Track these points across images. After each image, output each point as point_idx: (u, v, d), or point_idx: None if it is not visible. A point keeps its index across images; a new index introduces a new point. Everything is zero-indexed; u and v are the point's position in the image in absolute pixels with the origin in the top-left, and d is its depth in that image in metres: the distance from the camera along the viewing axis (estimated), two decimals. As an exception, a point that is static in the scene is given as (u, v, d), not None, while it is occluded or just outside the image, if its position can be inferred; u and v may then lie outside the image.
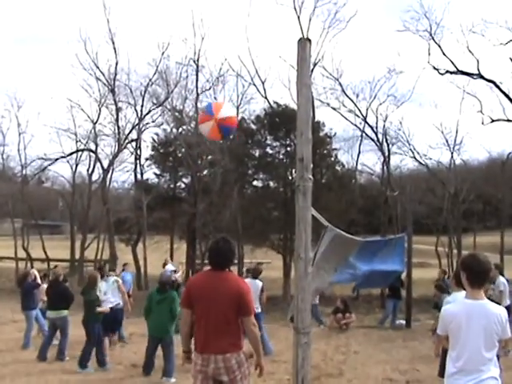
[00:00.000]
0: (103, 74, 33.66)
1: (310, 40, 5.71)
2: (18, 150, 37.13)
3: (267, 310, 22.24)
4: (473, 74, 28.70)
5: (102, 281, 13.05)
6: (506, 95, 27.84)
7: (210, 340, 5.58)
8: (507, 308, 10.79)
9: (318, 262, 7.87)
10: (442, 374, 5.20)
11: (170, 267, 15.16)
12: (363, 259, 10.53)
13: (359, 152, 34.83)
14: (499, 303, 7.63)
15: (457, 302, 5.02)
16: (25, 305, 14.45)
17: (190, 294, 5.75)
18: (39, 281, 14.84)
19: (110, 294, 12.92)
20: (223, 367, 5.58)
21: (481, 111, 29.39)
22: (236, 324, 5.63)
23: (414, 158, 33.55)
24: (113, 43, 33.26)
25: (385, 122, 32.83)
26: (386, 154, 32.96)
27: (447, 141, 33.07)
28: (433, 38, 28.95)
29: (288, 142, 33.18)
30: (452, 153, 33.28)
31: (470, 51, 28.48)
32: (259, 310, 13.13)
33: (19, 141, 37.06)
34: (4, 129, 37.56)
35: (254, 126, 35.26)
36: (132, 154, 36.25)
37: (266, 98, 32.93)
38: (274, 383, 10.24)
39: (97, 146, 35.47)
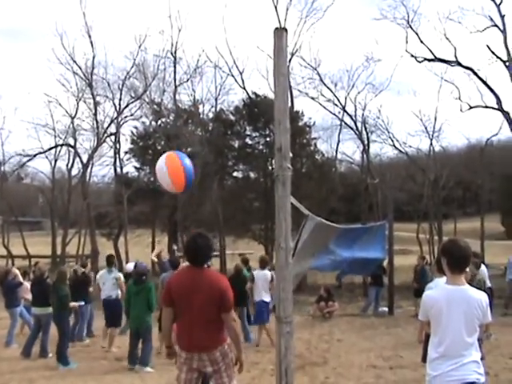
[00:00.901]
0: (80, 68, 33.38)
1: (286, 29, 5.68)
2: (-5, 147, 36.80)
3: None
4: (450, 62, 28.78)
5: (105, 271, 13.53)
6: (484, 82, 27.96)
7: (194, 338, 5.55)
8: (487, 291, 10.93)
9: (299, 252, 7.87)
10: (425, 359, 5.22)
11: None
12: (343, 246, 10.55)
13: (338, 141, 34.77)
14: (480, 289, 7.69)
15: (437, 288, 5.04)
16: (8, 303, 14.39)
17: (170, 292, 5.69)
18: (20, 279, 14.78)
19: (105, 287, 13.15)
20: (207, 360, 5.59)
21: (459, 98, 29.48)
22: (219, 320, 5.59)
23: (394, 145, 33.60)
24: (89, 37, 32.99)
25: (363, 110, 32.79)
26: (366, 142, 32.95)
27: (426, 128, 33.17)
28: (410, 26, 29.01)
29: (267, 133, 33.21)
30: (431, 140, 33.37)
31: (447, 38, 28.56)
32: (269, 300, 13.21)
33: (-4, 137, 36.74)
34: (-19, 125, 37.09)
35: (232, 117, 35.28)
36: (111, 147, 36.04)
37: (244, 88, 32.84)
38: (258, 373, 10.27)
39: (75, 140, 35.22)
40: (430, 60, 29.22)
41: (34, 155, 36.09)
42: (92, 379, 10.20)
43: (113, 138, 35.38)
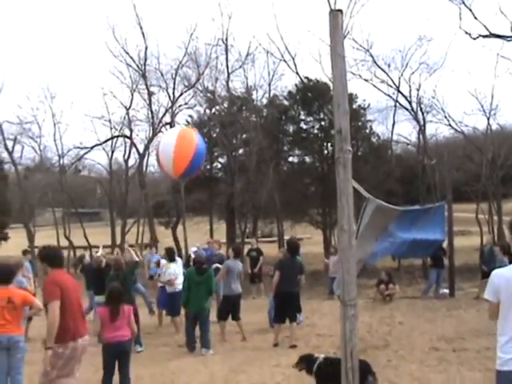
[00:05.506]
0: (133, 60, 33.72)
1: (341, 11, 5.66)
2: (55, 141, 37.31)
3: (310, 285, 22.34)
4: (506, 37, 28.06)
5: (171, 263, 13.90)
6: (542, 56, 27.24)
7: (79, 325, 6.76)
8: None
9: (361, 235, 7.84)
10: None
11: (193, 249, 15.51)
12: (402, 227, 10.42)
13: (394, 122, 34.49)
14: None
15: (507, 267, 4.85)
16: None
17: (61, 288, 6.61)
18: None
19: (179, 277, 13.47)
20: (86, 345, 6.86)
21: (516, 74, 28.79)
22: None
23: (450, 125, 33.09)
24: (141, 28, 33.26)
25: (418, 90, 32.30)
26: (421, 122, 32.58)
27: (482, 106, 32.48)
28: (463, 2, 28.29)
29: (322, 116, 33.06)
30: (488, 118, 32.71)
31: (502, 13, 27.77)
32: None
33: (55, 131, 37.26)
34: (39, 120, 37.77)
35: (286, 102, 35.21)
36: (167, 137, 36.26)
37: (297, 73, 32.65)
38: (320, 357, 10.27)
39: (131, 131, 35.68)
40: (485, 36, 28.44)
41: (91, 147, 36.73)
42: (155, 366, 10.35)
43: (168, 127, 35.69)
